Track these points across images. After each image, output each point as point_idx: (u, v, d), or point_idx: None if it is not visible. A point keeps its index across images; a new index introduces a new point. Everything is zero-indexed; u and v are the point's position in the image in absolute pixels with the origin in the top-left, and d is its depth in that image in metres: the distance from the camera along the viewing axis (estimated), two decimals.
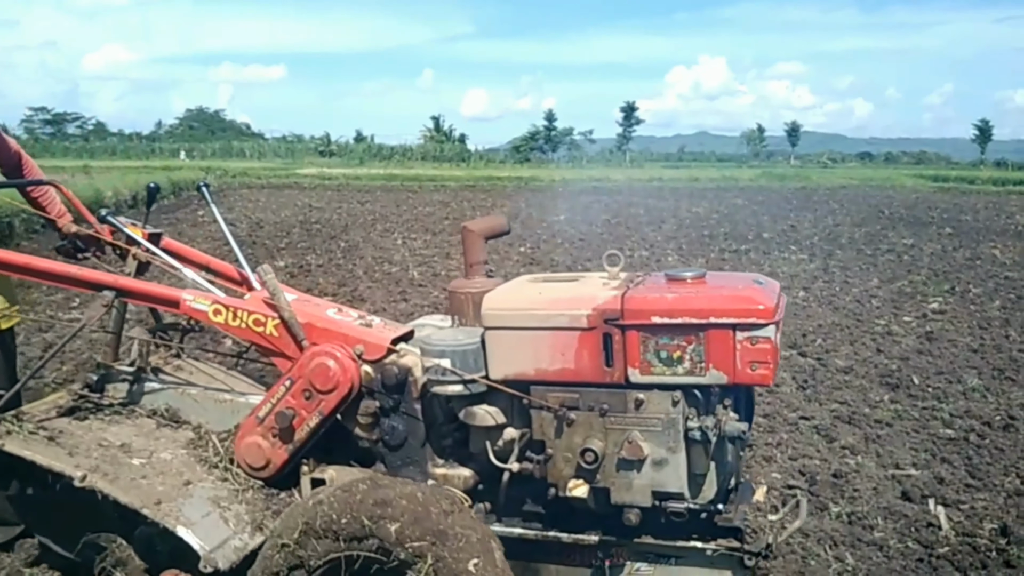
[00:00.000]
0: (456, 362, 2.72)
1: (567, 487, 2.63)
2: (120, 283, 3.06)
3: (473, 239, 3.16)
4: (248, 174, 38.51)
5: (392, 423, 2.87)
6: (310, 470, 2.96)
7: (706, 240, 16.10)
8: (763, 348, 2.43)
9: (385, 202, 25.44)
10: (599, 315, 2.54)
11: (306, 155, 67.60)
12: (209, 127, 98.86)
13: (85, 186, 20.99)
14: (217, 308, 2.97)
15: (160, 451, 2.96)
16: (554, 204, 23.98)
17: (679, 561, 2.70)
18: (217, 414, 3.22)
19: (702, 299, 2.51)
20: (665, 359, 2.51)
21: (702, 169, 51.14)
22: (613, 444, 2.57)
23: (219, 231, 15.76)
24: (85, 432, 2.97)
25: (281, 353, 2.96)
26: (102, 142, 79.31)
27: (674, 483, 2.56)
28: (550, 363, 2.62)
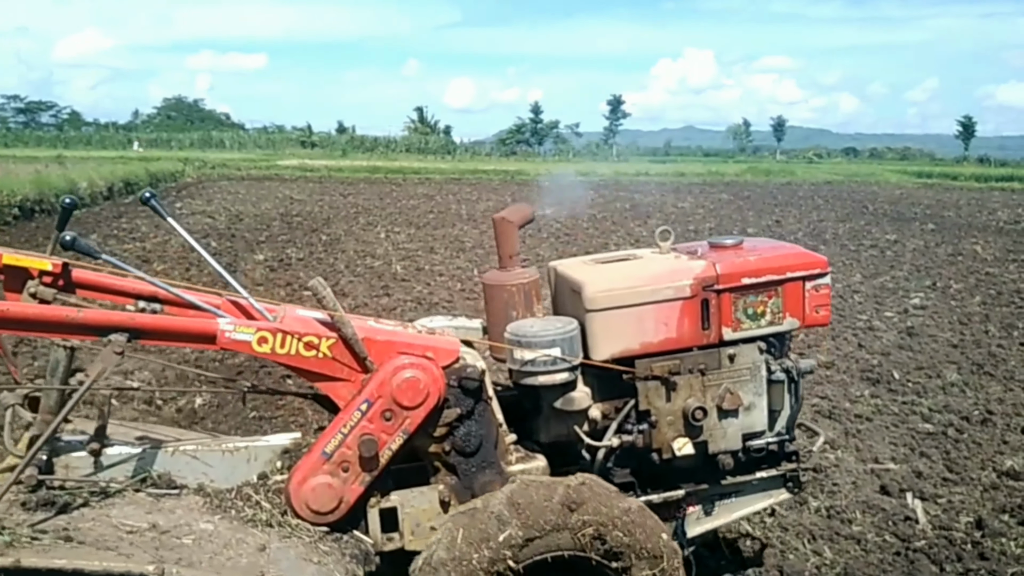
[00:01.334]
0: (565, 349, 2.76)
1: (673, 447, 2.84)
2: (136, 322, 2.49)
3: (510, 230, 3.12)
4: (228, 165, 37.93)
5: (467, 429, 2.73)
6: (377, 501, 2.74)
7: (691, 235, 15.97)
8: (824, 294, 2.92)
9: (368, 195, 25.19)
10: (699, 283, 2.82)
11: (287, 146, 66.78)
12: (188, 117, 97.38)
13: (59, 177, 20.69)
14: (262, 336, 2.56)
15: (194, 523, 2.52)
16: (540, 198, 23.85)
17: (737, 495, 3.06)
18: (225, 468, 2.80)
19: (779, 258, 2.92)
20: (751, 315, 2.86)
21: (688, 164, 51.06)
22: (711, 399, 2.86)
23: (198, 225, 15.63)
24: (92, 523, 2.42)
25: (332, 377, 2.65)
26: (77, 132, 77.87)
27: (760, 423, 2.94)
28: (655, 335, 2.82)
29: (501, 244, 3.09)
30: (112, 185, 22.43)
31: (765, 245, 3.13)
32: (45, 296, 2.73)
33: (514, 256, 3.07)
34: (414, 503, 2.77)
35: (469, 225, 17.24)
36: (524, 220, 3.16)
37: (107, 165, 27.70)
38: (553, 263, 3.16)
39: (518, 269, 3.06)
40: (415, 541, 2.74)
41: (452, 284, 10.67)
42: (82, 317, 2.45)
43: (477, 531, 2.50)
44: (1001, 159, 61.54)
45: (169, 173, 29.79)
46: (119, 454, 2.72)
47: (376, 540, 2.72)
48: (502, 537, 2.48)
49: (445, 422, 2.70)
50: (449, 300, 9.64)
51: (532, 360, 2.76)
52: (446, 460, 2.77)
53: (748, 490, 3.09)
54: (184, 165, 33.68)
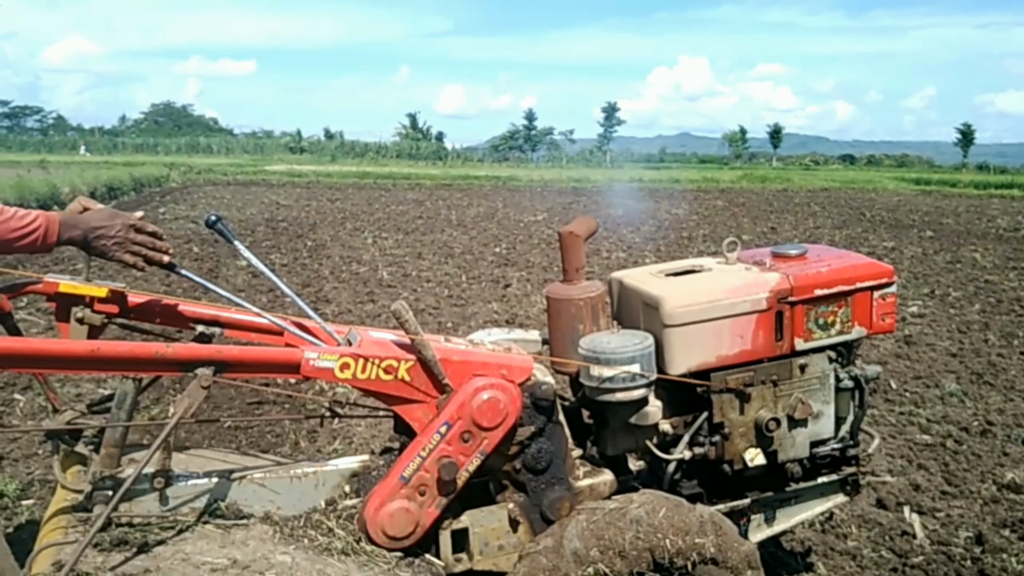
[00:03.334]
0: (643, 365, 2.73)
1: (745, 458, 2.86)
2: (224, 355, 2.42)
3: (577, 243, 3.03)
4: (215, 170, 37.58)
5: (539, 447, 2.71)
6: (449, 523, 2.68)
7: (684, 242, 15.86)
8: (891, 302, 2.97)
9: (356, 200, 24.94)
10: (775, 296, 2.83)
11: (276, 152, 66.50)
12: (176, 122, 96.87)
13: (41, 182, 20.34)
14: (345, 363, 2.52)
15: (271, 556, 2.45)
16: (532, 204, 23.58)
17: (798, 500, 3.10)
18: (293, 495, 2.71)
19: (849, 268, 2.95)
20: (822, 325, 2.90)
21: (683, 170, 50.86)
22: (783, 409, 2.89)
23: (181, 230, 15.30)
24: (171, 561, 2.34)
25: (408, 400, 2.61)
26: (62, 136, 77.15)
27: (827, 430, 2.99)
28: (731, 347, 2.82)
29: (567, 257, 3.00)
30: (95, 190, 22.11)
31: (831, 254, 3.14)
32: (93, 321, 2.67)
33: (580, 269, 2.99)
34: (483, 522, 2.73)
35: (459, 231, 16.99)
36: (590, 233, 3.09)
37: (91, 170, 27.39)
38: (617, 274, 3.14)
39: (584, 282, 2.99)
40: (483, 560, 2.71)
41: (439, 291, 10.50)
42: (172, 352, 2.38)
43: (615, 531, 2.50)
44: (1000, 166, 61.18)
45: (154, 178, 29.45)
46: (183, 486, 2.61)
47: (447, 561, 2.68)
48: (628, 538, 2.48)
49: (518, 440, 2.67)
50: (436, 307, 9.48)
51: (611, 377, 2.72)
52: (516, 478, 2.73)
53: (808, 495, 3.12)
54: (169, 170, 33.34)
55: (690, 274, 3.04)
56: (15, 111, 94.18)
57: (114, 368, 2.40)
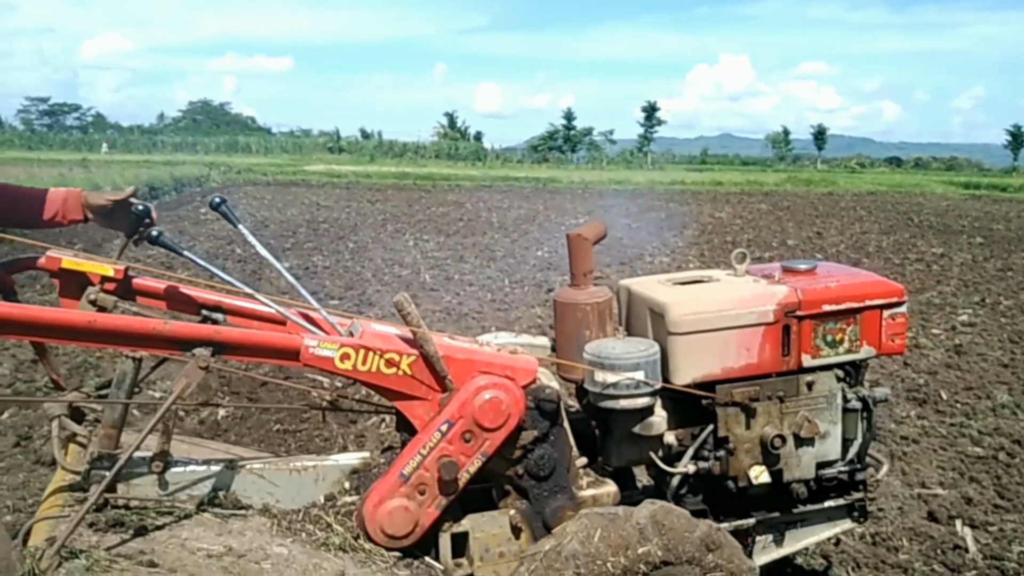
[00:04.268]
0: (648, 372, 2.71)
1: (750, 475, 2.81)
2: (223, 336, 2.41)
3: (585, 247, 3.03)
4: (254, 170, 37.76)
5: (542, 452, 2.67)
6: (449, 526, 2.66)
7: (728, 246, 15.61)
8: (900, 323, 2.92)
9: (396, 201, 24.97)
10: (782, 309, 2.80)
11: (315, 151, 66.93)
12: (214, 120, 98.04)
13: (83, 180, 20.58)
14: (345, 353, 2.50)
15: (267, 547, 2.44)
16: (573, 206, 23.43)
17: (804, 524, 3.05)
18: (291, 488, 2.73)
19: (858, 286, 2.92)
20: (830, 342, 2.86)
21: (725, 172, 50.28)
22: (788, 426, 2.84)
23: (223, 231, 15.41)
24: (166, 545, 2.36)
25: (410, 396, 2.59)
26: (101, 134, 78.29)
27: (834, 452, 2.94)
28: (736, 360, 2.79)
29: (575, 261, 3.00)
30: (136, 189, 22.23)
31: (841, 271, 3.13)
32: (105, 303, 2.64)
33: (588, 274, 2.98)
34: (484, 527, 2.70)
35: (500, 233, 16.92)
36: (599, 237, 3.08)
37: (131, 169, 27.65)
38: (625, 282, 3.12)
39: (592, 287, 2.98)
40: (483, 567, 2.68)
41: (482, 295, 10.45)
42: (169, 330, 2.37)
43: (617, 536, 2.42)
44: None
45: (194, 178, 29.65)
46: (182, 472, 2.64)
47: (446, 565, 2.66)
48: (641, 550, 2.40)
49: (520, 444, 2.64)
50: (479, 311, 9.44)
51: (615, 383, 2.71)
52: (518, 484, 2.71)
53: (814, 519, 3.08)
54: (210, 170, 33.54)
55: (698, 284, 3.02)
56: (55, 108, 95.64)
57: (110, 342, 2.37)
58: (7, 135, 73.01)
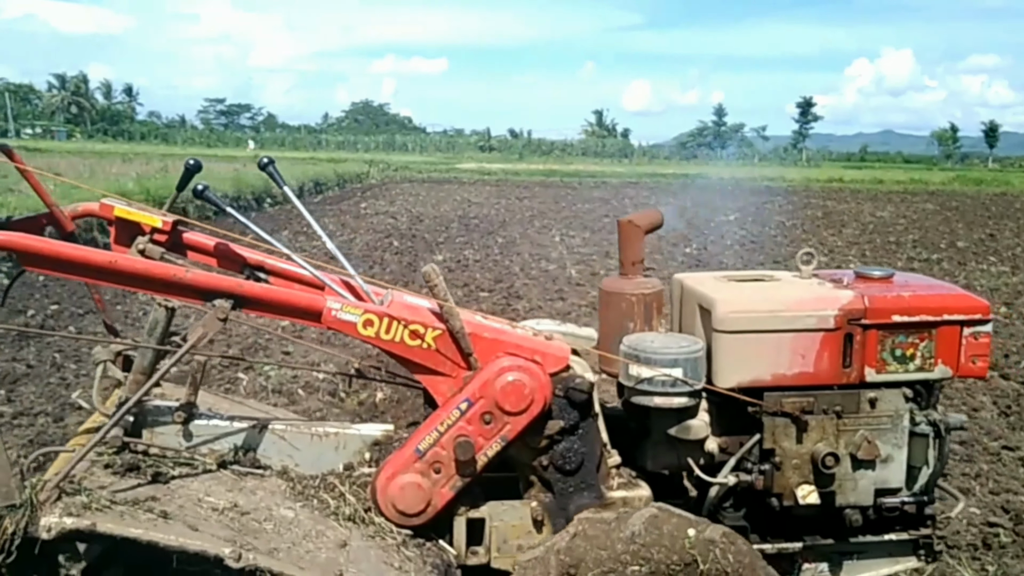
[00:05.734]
0: (687, 371, 2.53)
1: (797, 494, 2.57)
2: (244, 289, 2.42)
3: (636, 235, 2.89)
4: (410, 168, 39.34)
5: (569, 445, 2.54)
6: (466, 511, 2.58)
7: (892, 247, 14.84)
8: (984, 343, 2.62)
9: (543, 198, 25.18)
10: (845, 315, 2.56)
11: (466, 150, 68.65)
12: (374, 120, 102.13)
13: (256, 176, 21.92)
14: (369, 319, 2.45)
15: (275, 508, 2.43)
16: (722, 203, 22.94)
17: (861, 556, 2.77)
18: (312, 453, 2.71)
19: (936, 298, 2.65)
20: (899, 357, 2.59)
21: (887, 170, 47.82)
22: (845, 446, 2.59)
23: (381, 225, 16.02)
24: (174, 494, 2.37)
25: (434, 371, 2.52)
26: (272, 133, 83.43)
27: (896, 479, 2.66)
28: (789, 366, 2.57)
29: (624, 249, 2.87)
30: (303, 184, 23.58)
31: (920, 282, 2.85)
32: (152, 254, 2.69)
33: (637, 263, 2.85)
34: (504, 517, 2.61)
35: None
36: (652, 226, 2.95)
37: (299, 165, 29.28)
38: (680, 275, 2.93)
39: (640, 278, 2.84)
40: (501, 558, 2.59)
41: None
42: (190, 278, 2.38)
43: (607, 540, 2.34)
44: None
45: (355, 175, 31.12)
46: (207, 426, 2.67)
47: (460, 552, 2.58)
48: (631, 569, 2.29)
49: (547, 434, 2.52)
50: None
51: (650, 379, 2.54)
52: (543, 475, 2.59)
53: (873, 552, 2.78)
54: (369, 167, 35.12)
55: (757, 282, 2.82)
56: (230, 109, 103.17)
57: (130, 284, 2.39)
58: (189, 133, 78.71)
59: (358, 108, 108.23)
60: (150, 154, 35.95)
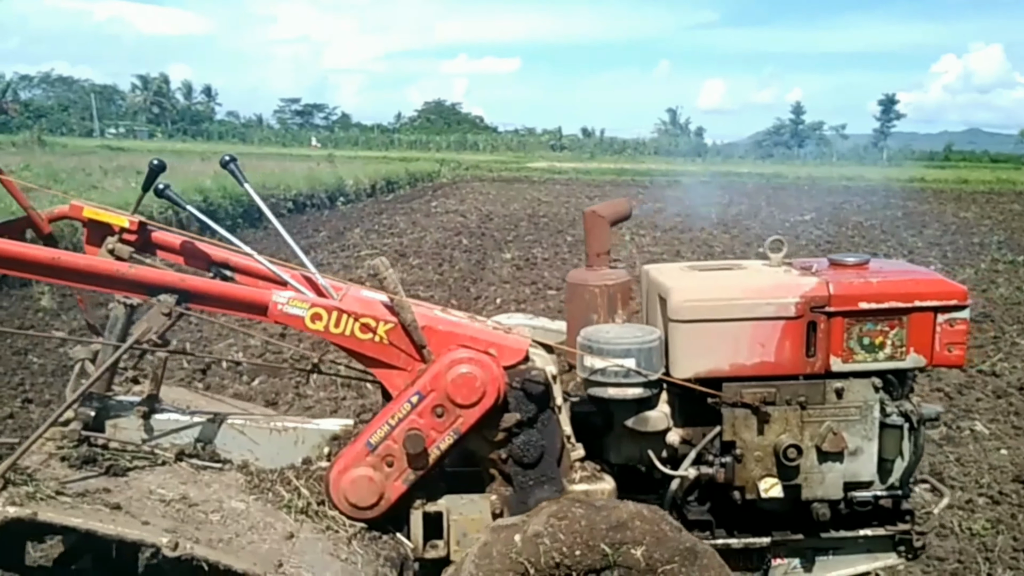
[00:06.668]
0: (641, 361, 2.48)
1: (759, 488, 2.51)
2: (187, 284, 2.44)
3: (601, 226, 2.87)
4: (480, 167, 39.59)
5: (527, 438, 2.51)
6: (422, 504, 2.57)
7: (975, 248, 14.32)
8: (960, 330, 2.51)
9: (614, 197, 24.92)
10: (807, 303, 2.48)
11: (537, 149, 68.80)
12: (446, 120, 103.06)
13: (329, 174, 22.38)
14: (317, 312, 2.46)
15: (227, 500, 2.44)
16: (798, 203, 22.46)
17: (837, 552, 2.70)
18: (272, 447, 2.72)
19: (907, 284, 2.55)
20: (867, 345, 2.51)
21: (972, 170, 46.05)
22: (810, 438, 2.52)
23: (451, 223, 16.23)
24: (124, 486, 2.40)
25: (387, 364, 2.51)
26: (345, 132, 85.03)
27: (867, 472, 2.58)
28: (748, 356, 2.51)
29: (589, 240, 2.86)
30: (375, 183, 23.95)
31: (894, 267, 2.76)
32: (121, 253, 2.71)
33: (602, 255, 2.83)
34: (463, 511, 2.60)
35: (719, 229, 16.46)
36: (618, 217, 2.94)
37: (372, 164, 29.81)
38: (647, 266, 2.88)
39: (605, 269, 2.82)
40: (459, 552, 2.56)
41: None
42: (132, 273, 2.41)
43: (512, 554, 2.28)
44: None
45: (426, 173, 31.51)
46: (168, 420, 2.71)
47: (417, 545, 2.57)
48: None
49: (503, 427, 2.49)
50: None
51: (603, 370, 2.51)
52: (503, 469, 2.57)
53: (849, 548, 2.70)
54: (440, 166, 35.52)
55: (720, 271, 2.76)
56: (306, 109, 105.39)
57: (74, 280, 2.42)
58: (265, 133, 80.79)
59: (430, 108, 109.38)
60: (228, 153, 36.94)
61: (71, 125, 71.52)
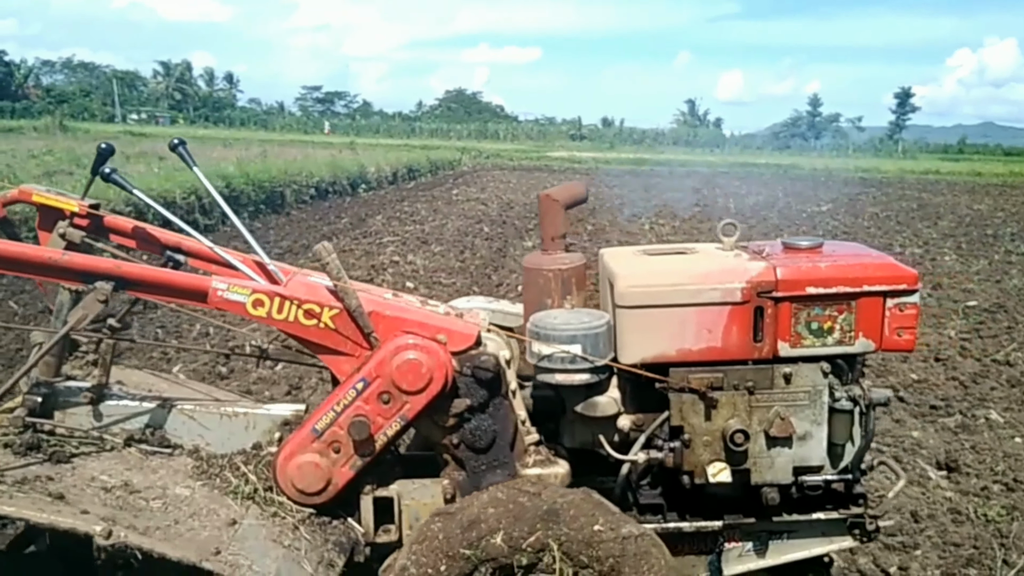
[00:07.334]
0: (587, 347, 2.48)
1: (708, 472, 2.50)
2: (123, 271, 2.41)
3: (555, 209, 2.85)
4: (501, 155, 39.70)
5: (479, 423, 2.51)
6: (372, 488, 2.58)
7: (989, 240, 14.39)
8: (910, 314, 2.48)
9: (633, 187, 25.08)
10: (753, 288, 2.46)
11: (557, 138, 68.80)
12: (466, 108, 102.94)
13: (351, 162, 22.65)
14: (258, 299, 2.43)
15: (171, 487, 2.41)
16: (815, 194, 22.62)
17: (791, 535, 2.68)
18: (222, 433, 2.70)
19: (856, 268, 2.50)
20: (816, 330, 2.49)
21: (986, 163, 45.82)
22: (759, 422, 2.50)
23: (472, 211, 16.35)
24: (67, 473, 2.36)
25: (334, 350, 2.49)
26: (367, 120, 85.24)
27: (816, 457, 2.56)
28: (695, 342, 2.49)
29: (543, 224, 2.84)
30: (396, 171, 24.23)
31: (847, 251, 2.70)
32: (73, 238, 2.70)
33: (557, 239, 2.81)
34: (415, 495, 2.59)
35: (736, 219, 16.57)
36: (572, 200, 2.91)
37: (393, 152, 30.06)
38: (602, 250, 2.86)
39: (560, 253, 2.80)
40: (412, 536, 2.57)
41: None
42: (66, 260, 2.39)
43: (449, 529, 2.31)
44: None
45: (447, 161, 31.73)
46: (119, 406, 2.69)
47: (368, 530, 2.57)
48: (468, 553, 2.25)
49: (454, 412, 2.48)
50: None
51: (550, 356, 2.50)
52: (456, 454, 2.57)
53: (803, 531, 2.68)
54: (461, 154, 35.75)
55: (671, 256, 2.73)
56: (327, 96, 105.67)
57: (6, 268, 2.39)
58: (287, 120, 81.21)
59: (451, 96, 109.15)
60: (249, 139, 37.33)
61: (93, 110, 71.80)
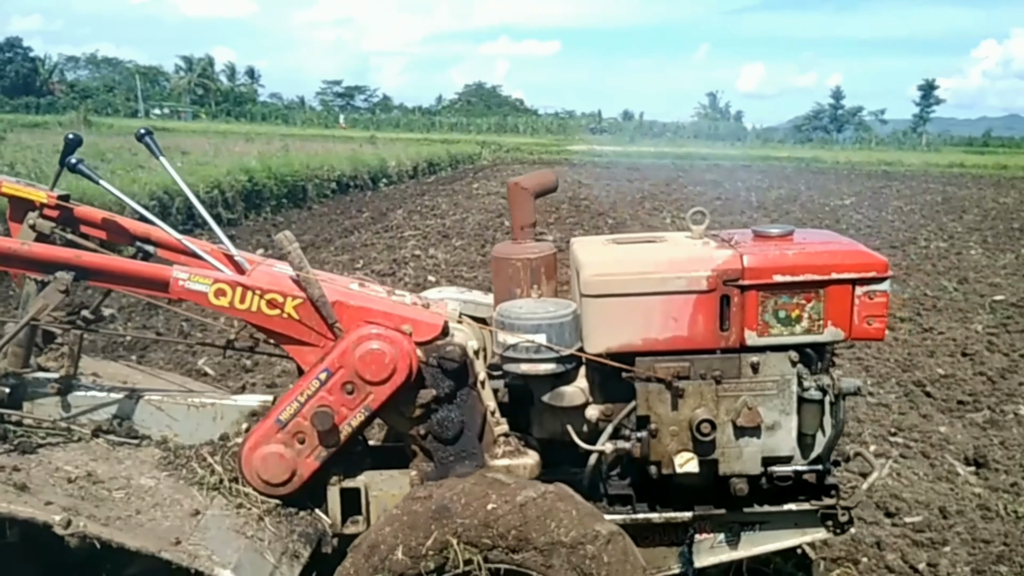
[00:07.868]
0: (552, 337, 2.46)
1: (675, 462, 2.46)
2: (83, 260, 2.40)
3: (524, 198, 2.82)
4: (521, 149, 39.77)
5: (446, 414, 2.50)
6: (339, 479, 2.57)
7: (1015, 234, 14.20)
8: (880, 303, 2.44)
9: (654, 180, 25.00)
10: (719, 276, 2.43)
11: (577, 132, 68.78)
12: (486, 102, 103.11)
13: (372, 155, 22.74)
14: (220, 288, 2.42)
15: (136, 477, 2.40)
16: (838, 187, 22.45)
17: (763, 527, 2.65)
18: (190, 423, 2.69)
19: (824, 255, 2.46)
20: (783, 319, 2.46)
21: (1012, 155, 45.26)
22: (726, 412, 2.47)
23: (493, 204, 16.35)
24: (30, 464, 2.34)
25: (298, 340, 2.48)
26: (387, 114, 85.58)
27: (786, 447, 2.52)
28: (661, 331, 2.46)
29: (512, 213, 2.81)
30: (417, 165, 24.31)
31: (816, 239, 2.66)
32: (43, 229, 2.70)
33: (526, 227, 2.78)
34: (383, 486, 2.58)
35: (759, 213, 16.49)
36: (542, 189, 2.88)
37: (413, 146, 30.16)
38: (573, 239, 2.83)
39: (530, 242, 2.78)
40: None
41: None
42: (26, 250, 2.39)
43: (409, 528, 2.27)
44: None
45: (467, 155, 31.79)
46: (87, 396, 2.69)
47: (335, 521, 2.56)
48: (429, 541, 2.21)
49: (420, 403, 2.46)
50: None
51: (515, 345, 2.48)
52: (423, 445, 2.55)
53: (776, 523, 2.64)
54: (481, 148, 35.79)
55: (638, 244, 2.69)
56: (348, 90, 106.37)
57: None
58: (308, 114, 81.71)
59: (471, 90, 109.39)
60: (271, 134, 37.58)
61: (116, 106, 72.69)
